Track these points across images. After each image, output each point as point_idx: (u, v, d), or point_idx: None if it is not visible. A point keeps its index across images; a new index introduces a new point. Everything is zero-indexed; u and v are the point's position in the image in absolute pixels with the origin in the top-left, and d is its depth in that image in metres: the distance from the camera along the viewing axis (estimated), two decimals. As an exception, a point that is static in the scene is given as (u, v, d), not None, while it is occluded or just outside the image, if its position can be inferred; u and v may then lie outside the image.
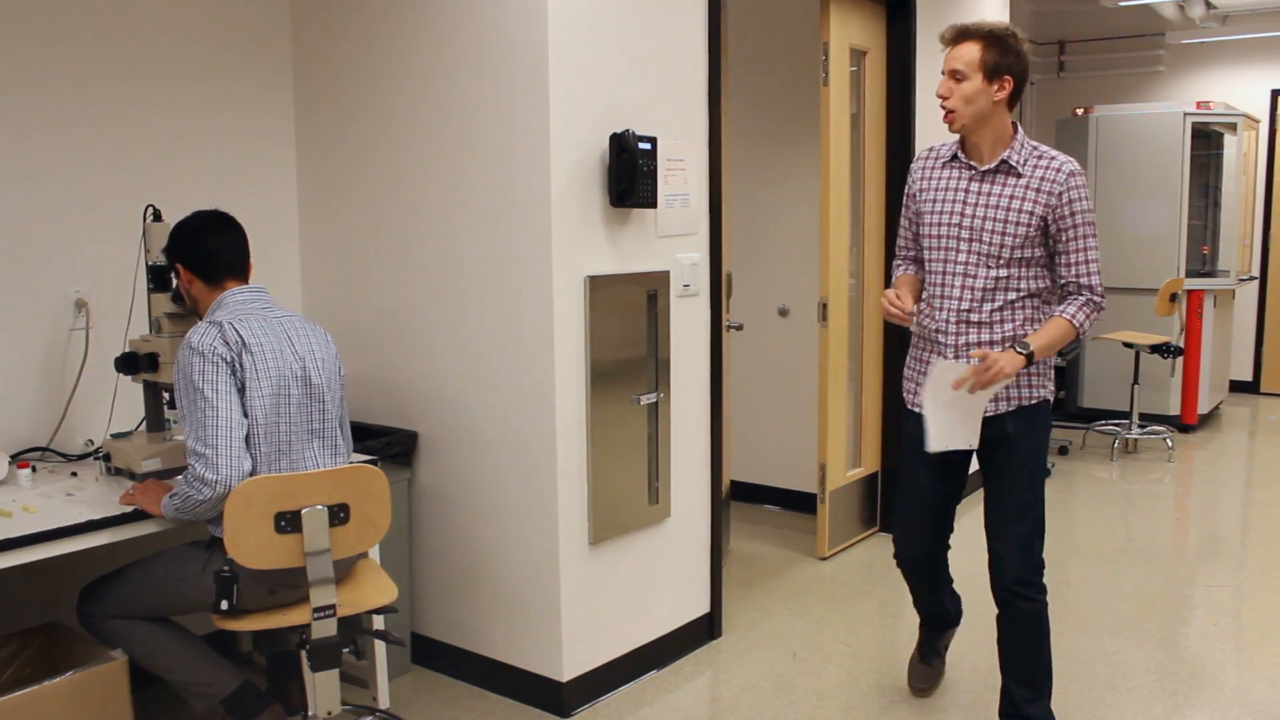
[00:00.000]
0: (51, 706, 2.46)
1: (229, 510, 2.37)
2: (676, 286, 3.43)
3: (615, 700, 3.30)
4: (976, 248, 2.76)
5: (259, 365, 2.51)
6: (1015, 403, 2.84)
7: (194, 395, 2.45)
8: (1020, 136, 2.77)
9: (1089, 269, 2.74)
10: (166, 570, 2.58)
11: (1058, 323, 2.74)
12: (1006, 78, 2.69)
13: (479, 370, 3.24)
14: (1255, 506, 5.65)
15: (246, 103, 3.55)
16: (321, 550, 2.44)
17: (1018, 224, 2.71)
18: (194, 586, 2.52)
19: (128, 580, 2.59)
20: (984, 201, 2.76)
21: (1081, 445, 6.86)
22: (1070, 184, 2.70)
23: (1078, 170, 2.73)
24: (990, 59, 2.67)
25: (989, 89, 2.68)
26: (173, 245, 2.69)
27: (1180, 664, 3.54)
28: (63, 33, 3.09)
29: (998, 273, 2.75)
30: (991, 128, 2.74)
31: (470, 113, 3.16)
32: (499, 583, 3.27)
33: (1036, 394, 2.85)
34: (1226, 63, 8.40)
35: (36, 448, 3.07)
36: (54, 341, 3.13)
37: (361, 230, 3.52)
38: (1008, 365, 2.66)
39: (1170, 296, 6.71)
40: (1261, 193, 8.46)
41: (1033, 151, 2.74)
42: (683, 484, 3.54)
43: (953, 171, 2.83)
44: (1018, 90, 2.72)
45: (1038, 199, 2.70)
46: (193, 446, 2.44)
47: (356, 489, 2.51)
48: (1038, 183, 2.71)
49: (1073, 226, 2.72)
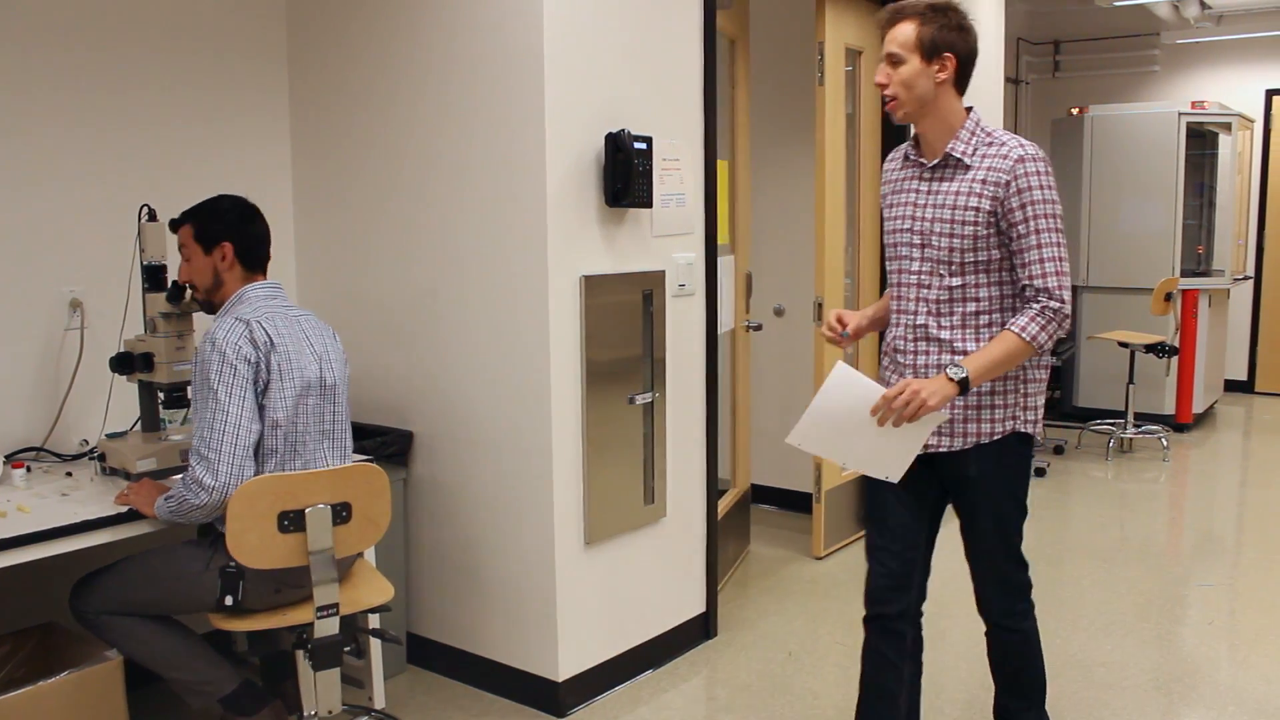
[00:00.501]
0: (47, 707, 2.46)
1: (232, 510, 2.36)
2: (672, 286, 3.43)
3: (611, 700, 3.30)
4: (929, 254, 2.43)
5: (284, 366, 2.51)
6: (972, 439, 2.44)
7: (207, 394, 2.44)
8: (971, 123, 2.42)
9: (1044, 269, 2.34)
10: (167, 567, 2.57)
11: (1003, 338, 2.34)
12: (947, 55, 2.36)
13: (475, 370, 3.24)
14: (1250, 506, 5.66)
15: (241, 104, 3.54)
16: (325, 549, 2.45)
17: (964, 223, 2.37)
18: (196, 584, 2.51)
19: (125, 577, 2.57)
20: (933, 202, 2.43)
21: (1077, 445, 6.87)
22: (1018, 171, 2.33)
23: (1030, 155, 2.34)
24: (927, 35, 2.35)
25: (929, 70, 2.36)
26: (225, 224, 2.63)
27: (1175, 663, 3.54)
28: (57, 35, 3.09)
29: (951, 281, 2.41)
30: (938, 115, 2.41)
31: (466, 113, 3.16)
32: (494, 582, 3.27)
33: (1002, 427, 2.44)
34: (1221, 63, 8.41)
35: (31, 447, 3.06)
36: (49, 341, 3.12)
37: (357, 231, 3.52)
38: (931, 395, 2.25)
39: (1165, 296, 6.72)
40: (1256, 192, 8.48)
41: (984, 140, 2.39)
42: (678, 484, 3.54)
43: (907, 170, 2.52)
44: (964, 70, 2.40)
45: (984, 191, 2.35)
46: (197, 447, 2.43)
47: (359, 488, 2.51)
48: (984, 173, 2.36)
49: (1024, 220, 2.33)
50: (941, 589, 4.26)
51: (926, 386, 2.26)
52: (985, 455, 2.45)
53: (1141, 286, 7.03)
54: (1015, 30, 7.98)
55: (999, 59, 5.88)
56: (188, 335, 2.86)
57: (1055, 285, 2.35)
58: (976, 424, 2.44)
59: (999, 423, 2.44)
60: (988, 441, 2.43)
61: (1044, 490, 5.81)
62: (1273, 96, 8.40)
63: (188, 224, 2.66)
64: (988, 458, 2.45)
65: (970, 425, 2.44)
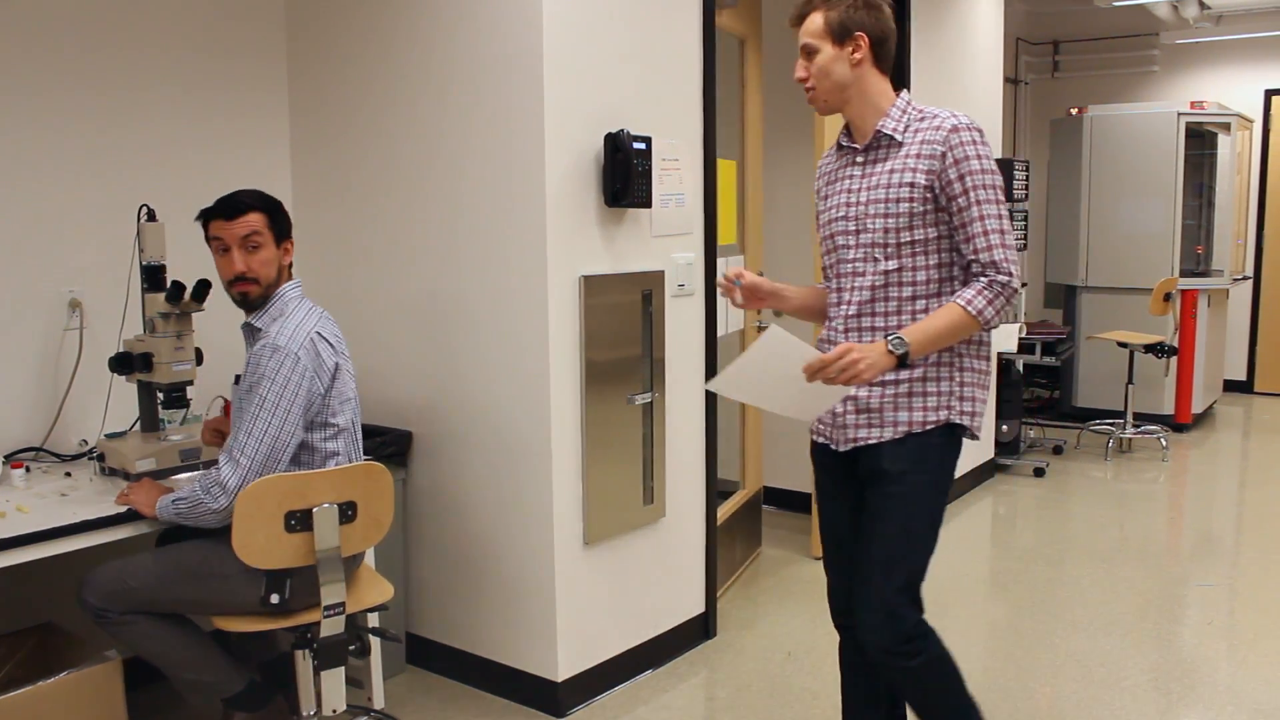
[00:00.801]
0: (46, 707, 2.46)
1: (239, 510, 2.36)
2: (671, 286, 3.43)
3: (610, 700, 3.30)
4: (865, 239, 2.31)
5: (345, 371, 2.60)
6: (903, 429, 2.28)
7: (258, 398, 2.43)
8: (902, 101, 2.32)
9: (988, 242, 2.21)
10: (207, 565, 2.50)
11: (947, 309, 2.21)
12: (859, 35, 2.27)
13: (474, 370, 3.24)
14: (1249, 506, 5.67)
15: (241, 104, 3.54)
16: (333, 548, 2.45)
17: (898, 200, 2.26)
18: (238, 583, 2.48)
19: (156, 575, 2.51)
20: (867, 185, 2.32)
21: (1076, 445, 6.87)
22: (952, 140, 2.21)
23: (964, 124, 2.23)
24: (835, 19, 2.27)
25: (843, 53, 2.28)
26: (289, 222, 2.66)
27: (1174, 663, 3.54)
28: (56, 35, 3.09)
29: (887, 265, 2.29)
30: (864, 98, 2.32)
31: (465, 112, 3.16)
32: (494, 583, 3.26)
33: (935, 416, 2.28)
34: (1220, 63, 8.42)
35: (31, 448, 3.06)
36: (48, 341, 3.12)
37: (355, 231, 3.52)
38: (869, 368, 2.13)
39: (1164, 296, 6.73)
40: (1255, 192, 8.48)
41: (915, 115, 2.30)
42: (678, 484, 3.55)
43: (842, 159, 2.41)
44: (880, 48, 2.31)
45: (918, 166, 2.24)
46: (230, 448, 2.43)
47: (364, 487, 2.52)
48: (918, 147, 2.25)
49: (963, 192, 2.21)
50: (941, 589, 4.27)
51: (866, 356, 2.14)
52: (907, 447, 2.28)
53: (1141, 286, 7.03)
54: (1014, 30, 7.98)
55: (998, 59, 5.88)
56: (187, 335, 2.86)
57: (1001, 258, 2.21)
58: (908, 411, 2.28)
59: (931, 411, 2.28)
60: (919, 431, 2.28)
61: (1043, 490, 5.81)
62: (1272, 96, 8.40)
63: (259, 212, 2.57)
64: (909, 450, 2.28)
65: (901, 414, 2.28)
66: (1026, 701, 3.26)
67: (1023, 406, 6.48)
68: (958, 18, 5.31)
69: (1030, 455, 6.46)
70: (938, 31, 5.10)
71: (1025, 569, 4.49)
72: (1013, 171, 5.65)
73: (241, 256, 2.55)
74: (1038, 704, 3.24)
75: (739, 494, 4.42)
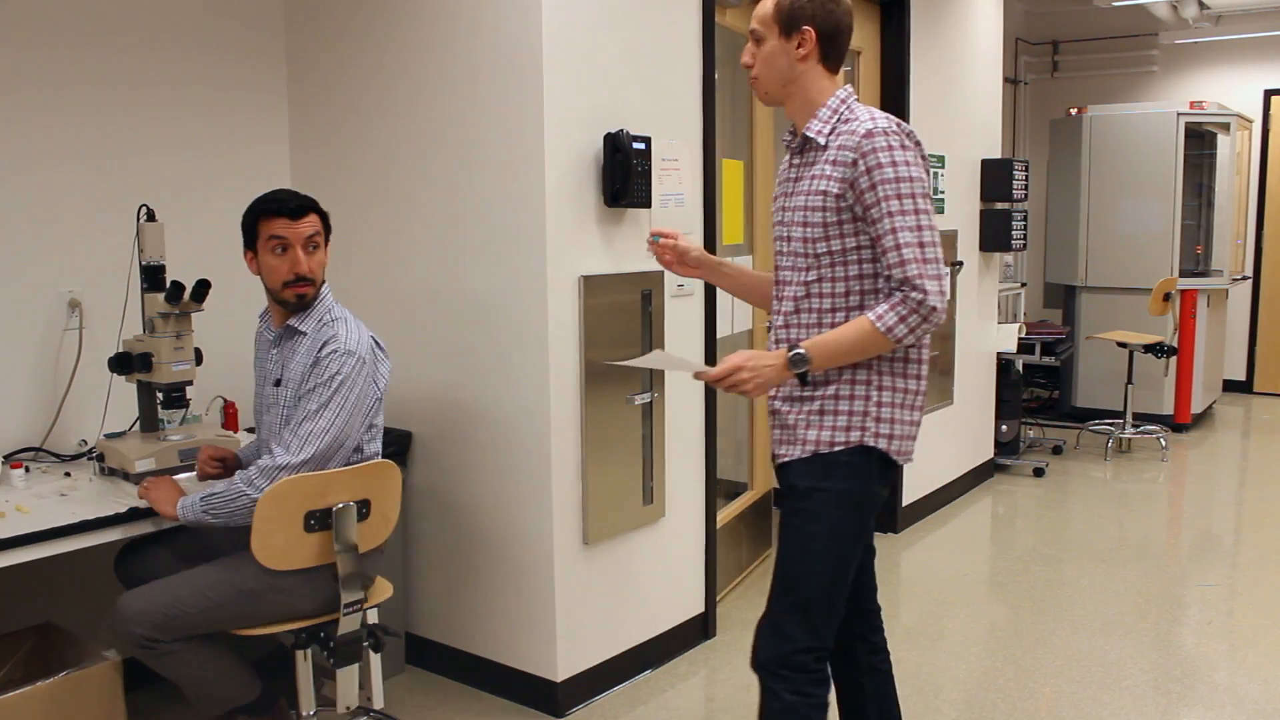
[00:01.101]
0: (45, 707, 2.46)
1: (260, 513, 2.35)
2: (670, 286, 3.43)
3: (610, 700, 3.30)
4: (789, 247, 2.21)
5: (385, 371, 2.64)
6: (810, 447, 2.16)
7: (330, 394, 2.45)
8: (835, 100, 2.18)
9: (900, 257, 2.05)
10: (263, 583, 2.45)
11: (857, 323, 2.08)
12: (806, 29, 2.14)
13: (473, 370, 3.23)
14: (1248, 506, 5.67)
15: (240, 104, 3.54)
16: (352, 546, 2.47)
17: (814, 209, 2.14)
18: (298, 595, 2.48)
19: (209, 601, 2.43)
20: (793, 189, 2.22)
21: (1076, 445, 6.87)
22: (865, 147, 2.07)
23: (880, 129, 2.08)
24: (784, 8, 2.16)
25: (788, 46, 2.16)
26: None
27: (1174, 663, 3.54)
28: (56, 34, 3.09)
29: (807, 276, 2.18)
30: (803, 96, 2.19)
31: (464, 112, 3.16)
32: (493, 583, 3.26)
33: (845, 437, 2.14)
34: (1220, 63, 8.42)
35: (30, 448, 3.06)
36: (47, 341, 3.12)
37: (355, 231, 3.52)
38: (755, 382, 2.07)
39: (1164, 296, 6.73)
40: (1255, 192, 8.48)
41: (843, 118, 2.16)
42: (677, 484, 3.54)
43: (784, 158, 2.32)
44: (828, 45, 2.17)
45: (833, 173, 2.11)
46: (287, 438, 2.42)
47: (377, 484, 2.54)
48: (835, 153, 2.12)
49: (875, 203, 2.06)
50: (941, 589, 4.27)
51: (757, 374, 2.08)
52: (814, 467, 2.16)
53: (1140, 287, 7.03)
54: (1014, 30, 7.98)
55: (998, 59, 5.88)
56: (186, 335, 2.85)
57: (915, 274, 2.05)
58: (817, 430, 2.16)
59: (840, 430, 2.14)
60: (827, 451, 2.15)
61: (1043, 490, 5.81)
62: (1271, 97, 8.40)
63: (316, 214, 2.59)
64: (816, 469, 2.16)
65: (810, 431, 2.16)
66: (1026, 701, 3.26)
67: (1022, 406, 6.48)
68: (957, 18, 5.31)
69: (1030, 455, 6.47)
70: (937, 32, 5.10)
71: (1025, 569, 4.49)
72: (1012, 171, 5.65)
73: (304, 257, 2.54)
74: (1038, 704, 3.24)
75: (746, 495, 4.42)
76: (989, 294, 5.90)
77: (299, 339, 2.56)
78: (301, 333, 2.56)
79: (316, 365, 2.48)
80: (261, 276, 2.59)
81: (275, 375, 2.58)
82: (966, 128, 5.49)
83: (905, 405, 2.17)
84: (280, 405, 2.54)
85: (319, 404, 2.44)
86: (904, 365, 2.17)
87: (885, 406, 2.15)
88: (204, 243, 3.33)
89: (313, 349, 2.52)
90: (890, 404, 2.15)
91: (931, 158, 5.05)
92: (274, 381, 2.58)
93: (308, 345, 2.53)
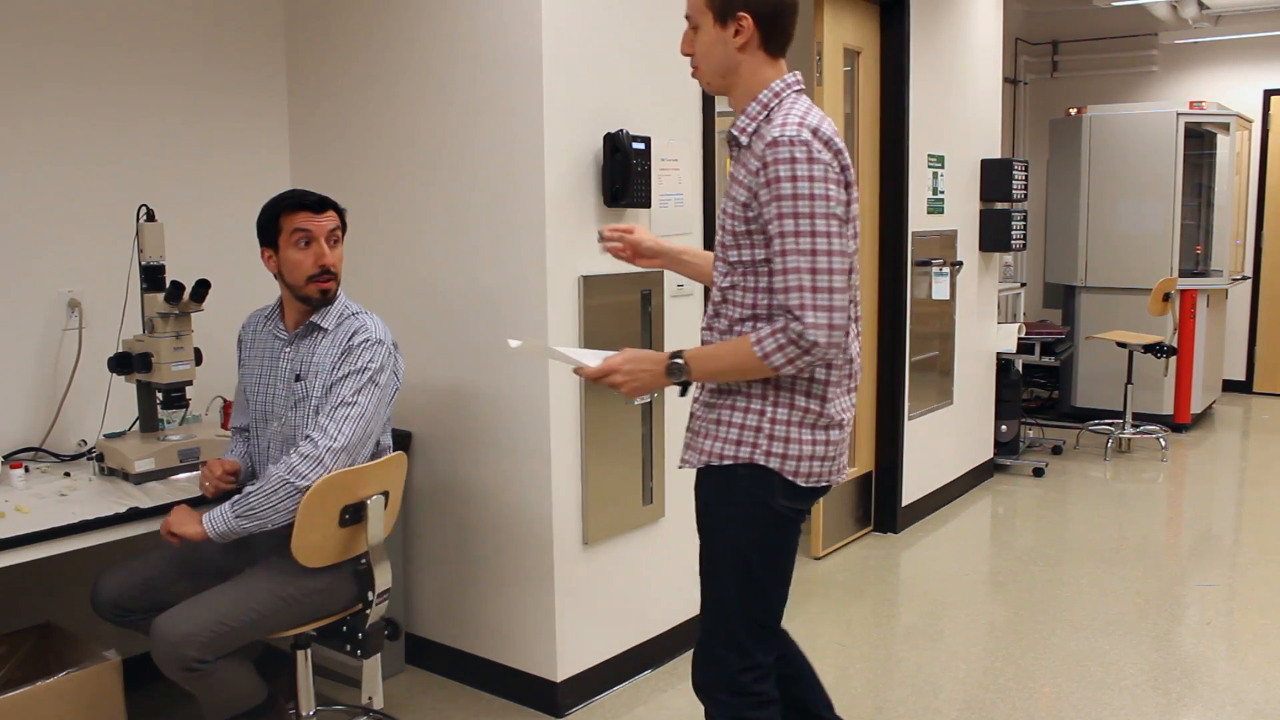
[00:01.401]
0: (44, 707, 2.46)
1: (302, 511, 2.37)
2: (670, 286, 3.43)
3: (610, 700, 3.30)
4: (717, 250, 2.11)
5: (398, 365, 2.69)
6: (704, 457, 2.06)
7: (360, 383, 2.49)
8: (768, 94, 2.01)
9: (785, 283, 1.89)
10: (301, 587, 2.46)
11: (739, 343, 1.96)
12: (741, 16, 1.98)
13: (473, 370, 3.24)
14: (1248, 506, 5.67)
15: (240, 103, 3.54)
16: (380, 537, 2.54)
17: (726, 215, 2.03)
18: (333, 594, 2.53)
19: (257, 614, 2.41)
20: (726, 189, 2.09)
21: (1075, 445, 6.87)
22: (768, 157, 1.90)
23: (788, 138, 1.89)
24: None
25: (724, 35, 2.00)
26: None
27: (1174, 663, 3.54)
28: (56, 34, 3.09)
29: (724, 282, 2.06)
30: (744, 87, 2.03)
31: (464, 113, 3.16)
32: (493, 583, 3.26)
33: (735, 451, 2.02)
34: (1219, 63, 8.42)
35: (30, 448, 3.06)
36: (47, 341, 3.12)
37: (355, 231, 3.50)
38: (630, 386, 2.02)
39: (1164, 296, 6.73)
40: (1254, 193, 8.48)
41: (768, 116, 2.00)
42: (677, 484, 3.54)
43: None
44: (771, 29, 2.00)
45: (743, 180, 1.98)
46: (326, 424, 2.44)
47: (395, 476, 2.63)
48: (749, 158, 1.98)
49: (772, 219, 1.91)
50: (941, 589, 4.27)
51: (630, 379, 2.02)
52: (713, 480, 2.06)
53: (1140, 287, 7.03)
54: (1013, 30, 7.98)
55: (997, 59, 5.88)
56: (186, 335, 2.86)
57: (797, 304, 1.88)
58: (712, 440, 2.05)
59: (730, 444, 2.02)
60: (717, 464, 2.04)
61: (1042, 490, 5.81)
62: (1271, 97, 8.40)
63: (335, 211, 2.60)
64: (715, 484, 2.06)
65: (706, 441, 2.07)
66: (1026, 701, 3.26)
67: (1022, 406, 6.48)
68: (957, 18, 5.31)
69: (1029, 455, 6.47)
70: (937, 32, 5.10)
71: (1024, 569, 4.49)
72: (1012, 171, 5.65)
73: (328, 251, 2.57)
74: (1037, 704, 3.24)
75: None
76: (989, 294, 5.90)
77: (319, 335, 2.58)
78: (323, 329, 2.58)
79: (348, 354, 2.52)
80: (282, 274, 2.58)
81: (295, 371, 2.59)
82: (966, 128, 5.49)
83: (807, 425, 2.01)
84: (309, 398, 2.55)
85: (353, 390, 2.47)
86: (808, 384, 2.01)
87: (781, 424, 2.00)
88: (204, 243, 3.33)
89: (338, 341, 2.55)
90: (787, 422, 2.00)
91: (931, 158, 5.06)
92: (294, 377, 2.59)
93: (331, 339, 2.57)
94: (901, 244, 4.85)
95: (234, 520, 2.39)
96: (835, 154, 1.94)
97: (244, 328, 2.76)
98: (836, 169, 1.93)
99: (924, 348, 5.13)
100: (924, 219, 5.03)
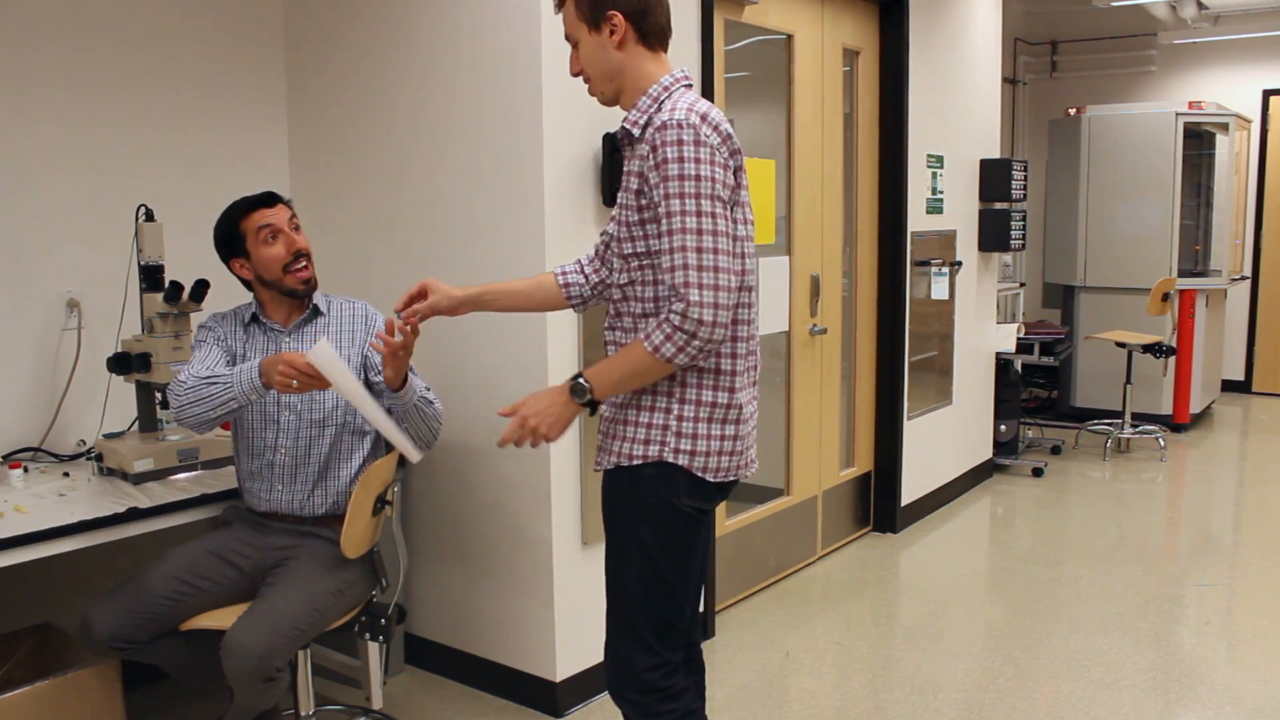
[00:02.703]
0: (44, 708, 2.46)
1: (353, 505, 2.49)
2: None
3: (609, 700, 3.28)
4: (612, 248, 2.09)
5: None
6: (613, 459, 2.04)
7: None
8: (657, 89, 2.01)
9: (672, 263, 1.87)
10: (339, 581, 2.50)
11: (633, 347, 1.92)
12: (611, 14, 2.00)
13: (473, 370, 3.23)
14: (1247, 506, 5.67)
15: (240, 103, 3.54)
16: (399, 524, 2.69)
17: (620, 207, 2.03)
18: (363, 583, 2.62)
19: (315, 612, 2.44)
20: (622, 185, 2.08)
21: (1074, 445, 6.87)
22: (656, 140, 1.90)
23: (677, 121, 1.89)
24: (584, 2, 2.03)
25: (601, 38, 2.02)
26: None
27: (1173, 662, 3.55)
28: (55, 35, 3.09)
29: (621, 279, 2.04)
30: (632, 87, 2.05)
31: (463, 113, 3.16)
32: (493, 583, 3.26)
33: (643, 451, 2.00)
34: (1218, 63, 8.42)
35: (28, 448, 3.06)
36: (46, 341, 3.12)
37: (354, 231, 3.52)
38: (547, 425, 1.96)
39: (1162, 296, 6.73)
40: (1253, 193, 8.48)
41: (659, 107, 1.99)
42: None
43: None
44: (643, 23, 2.02)
45: (635, 168, 1.98)
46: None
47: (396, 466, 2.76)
48: (640, 147, 1.98)
49: (659, 201, 1.90)
50: (940, 589, 4.27)
51: (542, 420, 1.96)
52: (621, 479, 2.04)
53: (1139, 287, 7.03)
54: (1012, 30, 7.98)
55: (996, 59, 5.88)
56: (185, 335, 2.86)
57: (682, 282, 1.85)
58: (620, 440, 2.03)
59: (639, 444, 2.00)
60: (627, 464, 2.02)
61: (1042, 490, 5.81)
62: (1270, 97, 8.41)
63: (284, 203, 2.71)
64: (623, 482, 2.04)
65: (615, 442, 2.05)
66: (1025, 701, 3.26)
67: (1021, 406, 6.48)
68: (956, 18, 5.31)
69: (1028, 455, 6.47)
70: (936, 32, 5.10)
71: (1024, 569, 4.49)
72: (1011, 171, 5.66)
73: (297, 236, 2.63)
74: (1036, 704, 3.25)
75: (779, 500, 4.35)
76: (988, 294, 5.90)
77: (314, 319, 2.71)
78: (321, 312, 2.71)
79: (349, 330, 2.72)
80: (258, 276, 2.62)
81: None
82: (965, 128, 5.49)
83: (715, 420, 2.00)
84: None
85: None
86: (714, 376, 2.00)
87: (688, 421, 1.99)
88: (203, 243, 3.32)
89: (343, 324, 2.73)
90: (694, 418, 1.99)
91: (930, 158, 5.06)
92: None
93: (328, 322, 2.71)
94: (901, 244, 4.85)
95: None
96: (724, 139, 1.95)
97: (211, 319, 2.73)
98: (725, 153, 1.94)
99: (923, 348, 5.13)
100: (923, 219, 5.03)
